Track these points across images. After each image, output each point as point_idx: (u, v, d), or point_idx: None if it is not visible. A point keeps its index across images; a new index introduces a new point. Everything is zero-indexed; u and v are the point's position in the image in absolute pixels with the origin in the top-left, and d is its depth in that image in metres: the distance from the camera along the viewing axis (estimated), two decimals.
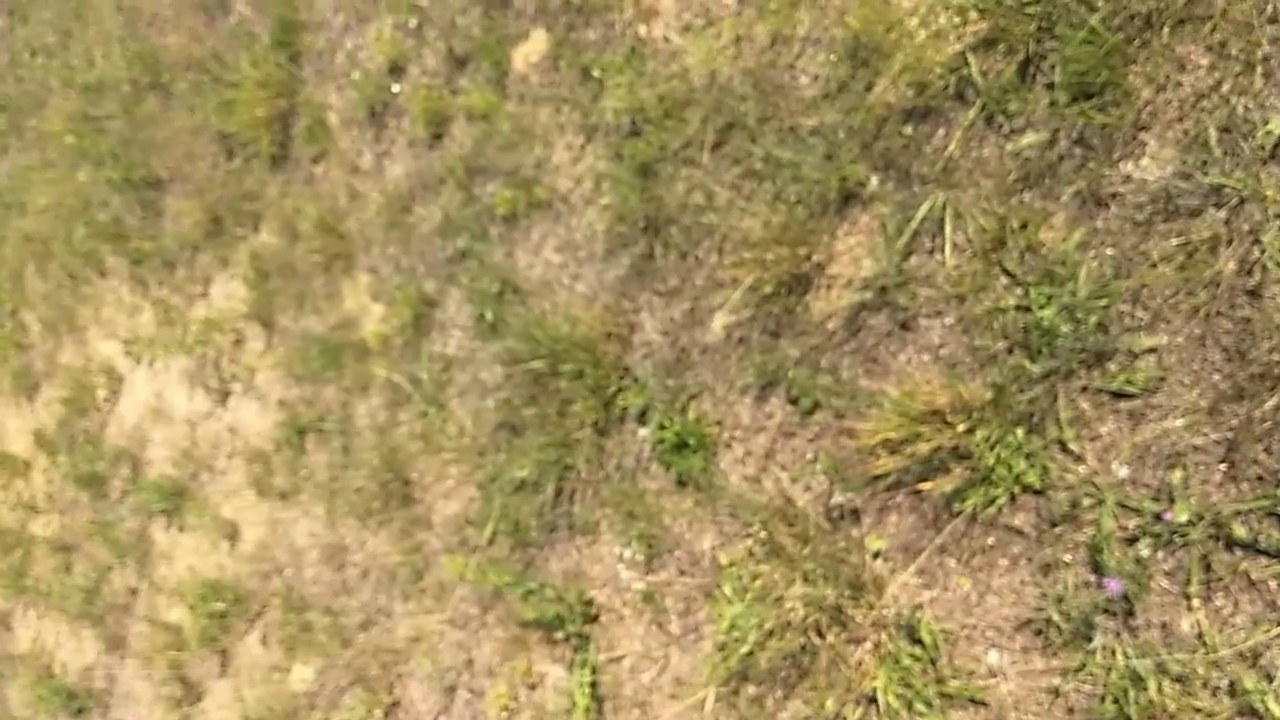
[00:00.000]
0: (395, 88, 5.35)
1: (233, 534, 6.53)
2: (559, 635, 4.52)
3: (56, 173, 8.15)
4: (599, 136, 4.54)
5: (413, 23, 5.37)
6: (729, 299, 3.91)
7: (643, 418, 4.31)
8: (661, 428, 4.16)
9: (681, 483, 4.16)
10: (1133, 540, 3.01)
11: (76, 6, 8.08)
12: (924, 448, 3.26)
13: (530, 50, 4.81)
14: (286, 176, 6.10)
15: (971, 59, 3.42)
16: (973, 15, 3.39)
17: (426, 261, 5.31)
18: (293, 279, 6.09)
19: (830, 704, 3.48)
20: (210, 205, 6.60)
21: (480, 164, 5.03)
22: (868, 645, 3.42)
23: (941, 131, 3.51)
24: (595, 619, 4.42)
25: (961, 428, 3.20)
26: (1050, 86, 3.30)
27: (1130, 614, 3.01)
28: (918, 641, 3.37)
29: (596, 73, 4.52)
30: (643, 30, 4.41)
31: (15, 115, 8.73)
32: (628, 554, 4.33)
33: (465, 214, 5.07)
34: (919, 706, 3.33)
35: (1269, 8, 2.93)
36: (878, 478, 3.43)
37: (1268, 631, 2.79)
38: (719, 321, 4.03)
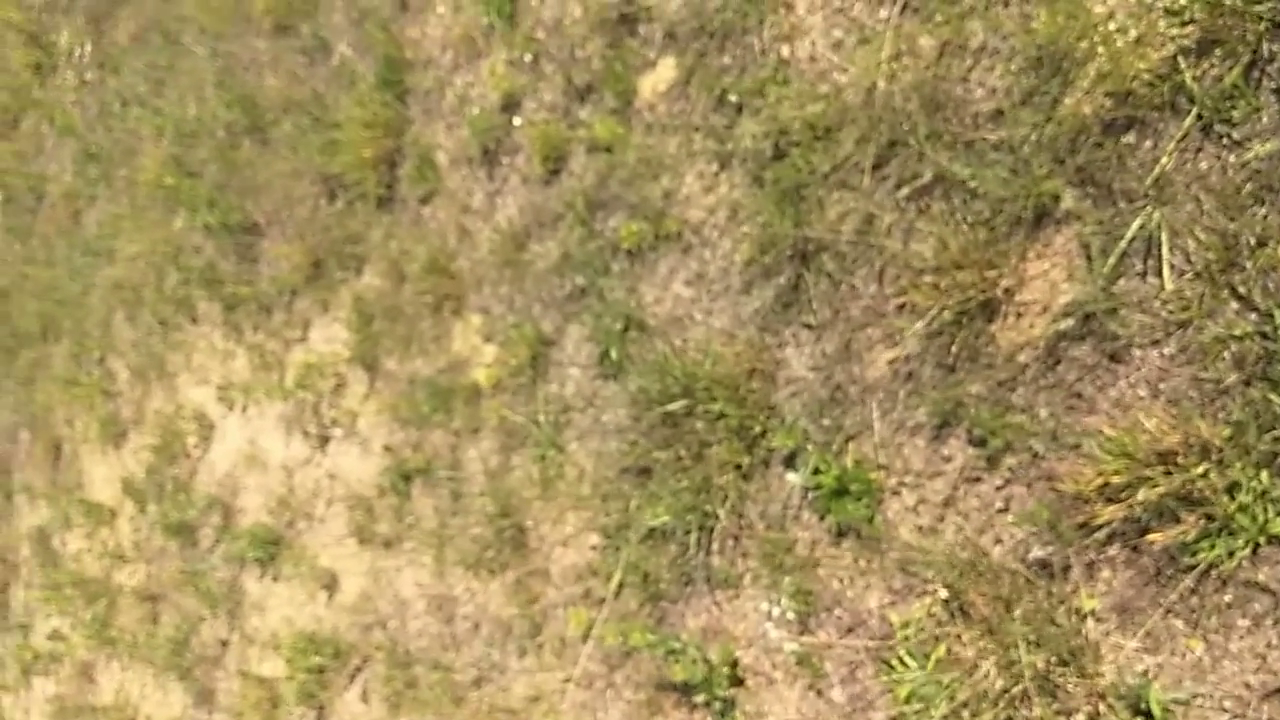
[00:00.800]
0: (517, 121, 5.00)
1: (331, 584, 6.14)
2: (699, 699, 4.08)
3: (148, 220, 7.89)
4: (735, 163, 4.15)
5: (528, 57, 5.04)
6: (906, 330, 3.49)
7: (791, 461, 3.89)
8: (817, 472, 3.73)
9: (840, 533, 3.72)
10: None
11: (170, 55, 7.84)
12: (1150, 494, 2.81)
13: (659, 79, 4.45)
14: (392, 218, 5.77)
15: (1184, 65, 3.01)
16: (1186, 18, 2.99)
17: (543, 300, 4.93)
18: (399, 321, 5.73)
19: None
20: (311, 248, 6.27)
21: (602, 198, 4.66)
22: (1081, 717, 2.96)
23: (1149, 143, 3.09)
24: (741, 682, 3.97)
25: (1196, 471, 2.76)
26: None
27: None
28: (1143, 713, 2.90)
29: (733, 97, 4.14)
30: (785, 51, 4.03)
31: (106, 165, 8.49)
32: (776, 611, 3.89)
33: (586, 250, 4.70)
34: None
35: None
36: (1091, 528, 2.97)
37: None
38: (887, 355, 3.61)
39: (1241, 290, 2.84)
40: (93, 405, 8.58)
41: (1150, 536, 2.84)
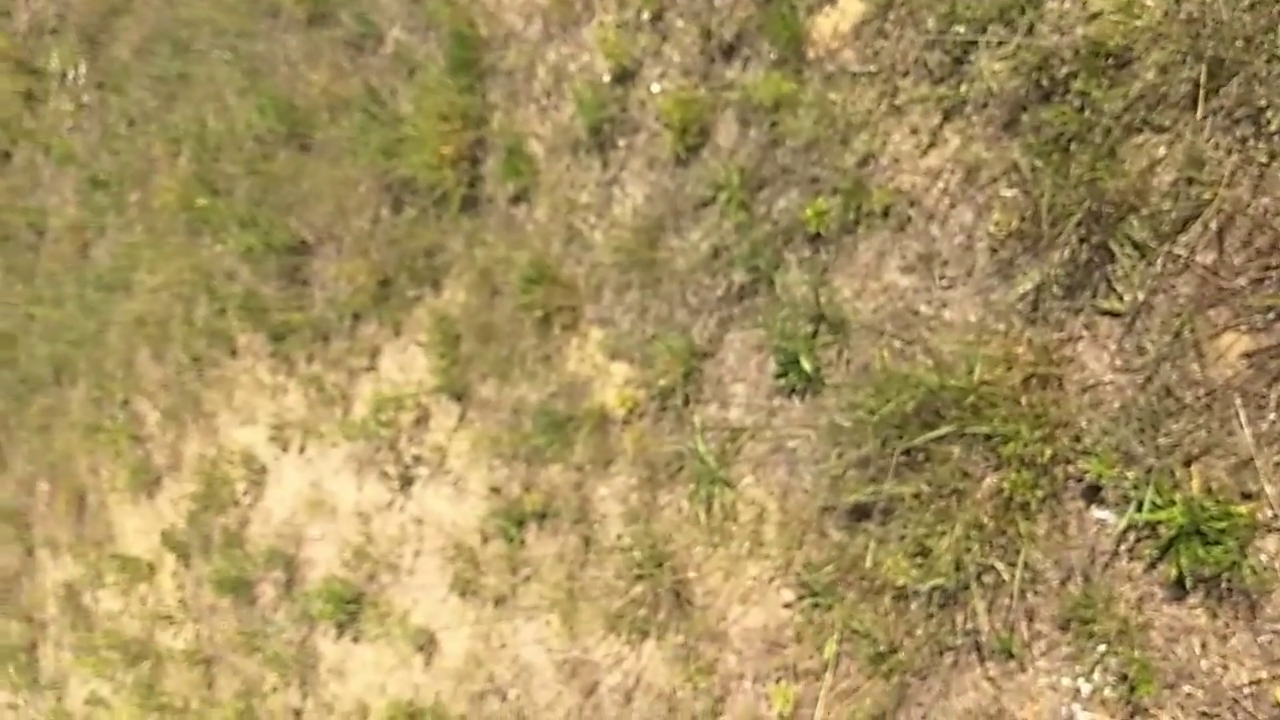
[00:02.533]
0: (656, 87, 3.86)
1: (429, 645, 4.99)
2: None
3: (169, 247, 6.66)
4: (970, 112, 3.07)
5: (646, 14, 3.92)
6: (1276, 305, 2.42)
7: (1095, 493, 2.82)
8: (1142, 508, 2.67)
9: (1182, 584, 2.67)
10: None
11: (181, 64, 6.60)
12: None
13: (842, 17, 3.36)
14: (478, 222, 4.62)
15: None
16: None
17: (688, 305, 3.83)
18: (494, 341, 4.59)
19: None
20: (375, 265, 5.11)
21: (766, 173, 3.55)
22: None
23: None
24: None
25: None
26: None
27: None
28: None
29: (960, 29, 3.07)
30: None
31: (116, 191, 7.24)
32: (1087, 688, 2.82)
33: (748, 239, 3.59)
34: None
35: None
36: None
37: None
38: (1241, 345, 2.55)
39: None
40: (119, 452, 7.33)
41: None
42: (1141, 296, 2.70)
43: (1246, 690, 2.54)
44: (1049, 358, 2.83)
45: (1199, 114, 2.57)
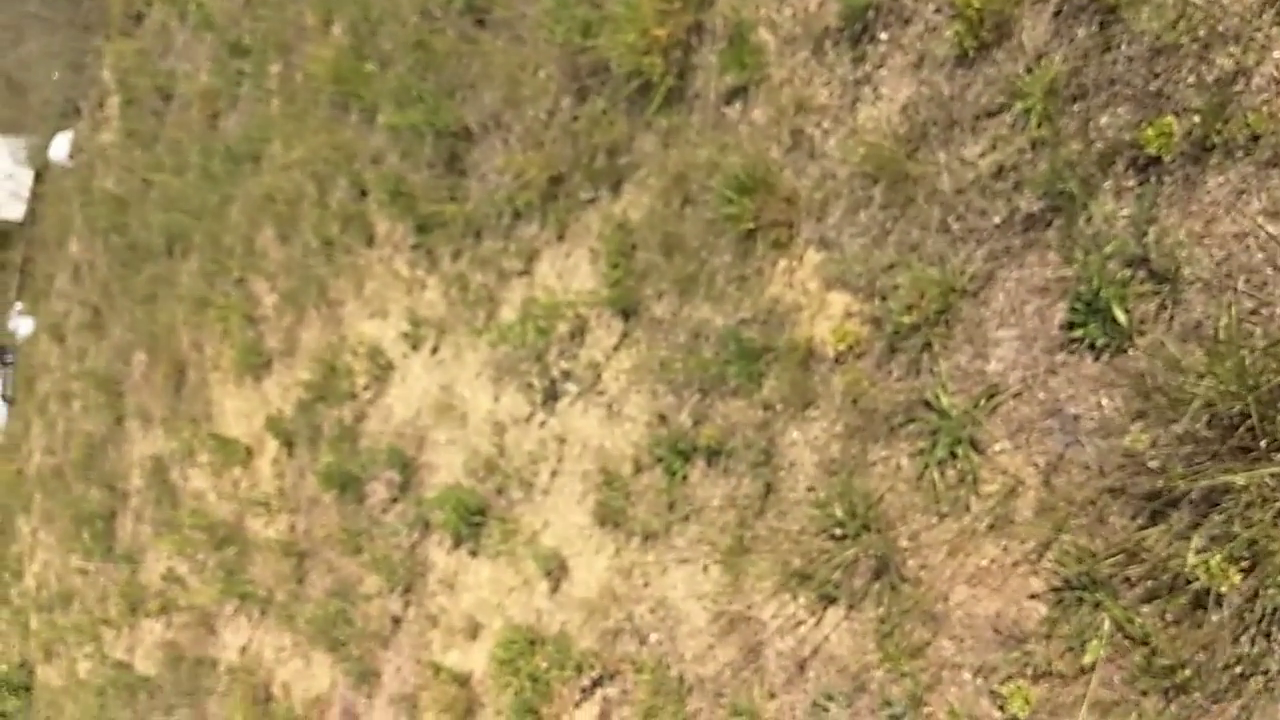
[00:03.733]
0: None
1: (558, 571, 4.39)
2: None
3: (310, 123, 6.04)
4: None
5: None
6: None
7: None
8: None
9: None
10: None
11: None
12: None
13: None
14: (678, 119, 3.95)
15: None
16: None
17: (950, 232, 3.14)
18: (678, 255, 3.94)
19: None
20: (547, 160, 4.45)
21: (1086, 82, 2.84)
22: None
23: None
24: None
25: None
26: None
27: None
28: None
29: None
30: None
31: (257, 60, 6.62)
32: None
33: (1049, 159, 2.91)
34: None
35: None
36: None
37: None
38: None
39: None
40: (228, 330, 6.78)
41: None
42: None
43: None
44: None
45: None
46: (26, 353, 11.05)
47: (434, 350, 5.13)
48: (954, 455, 3.04)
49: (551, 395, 4.50)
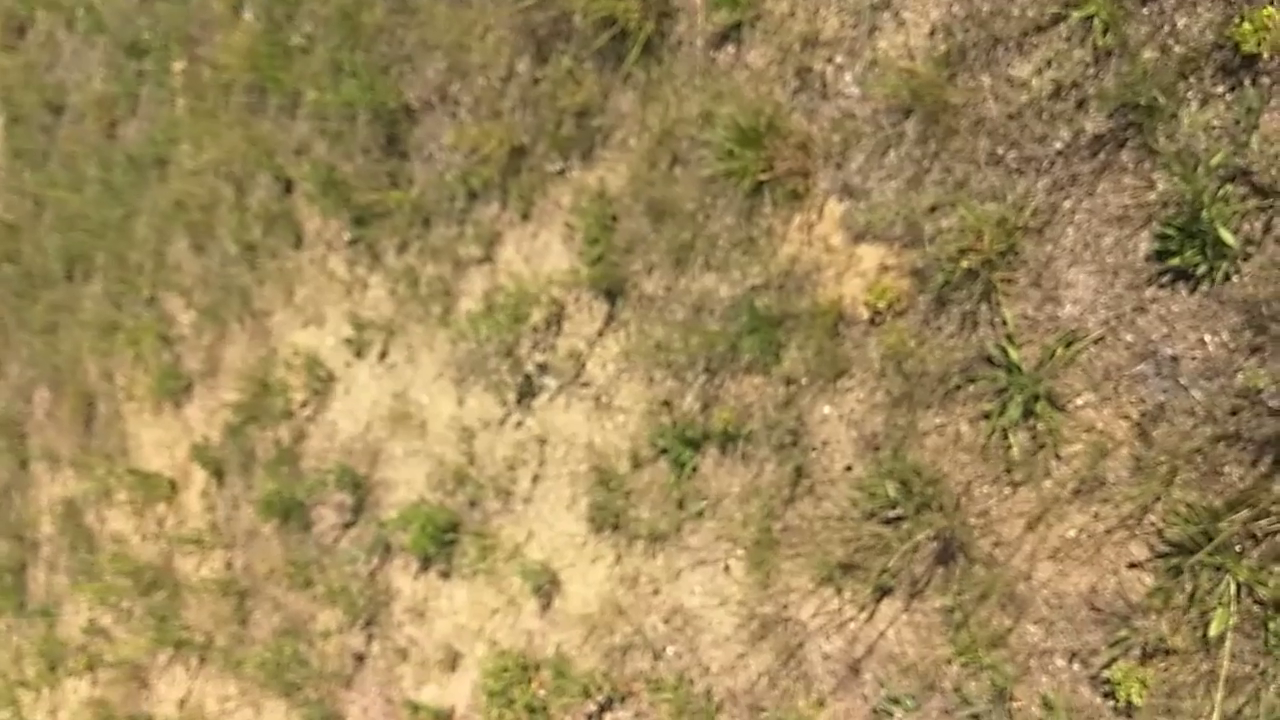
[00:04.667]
0: None
1: (548, 586, 3.81)
2: None
3: (222, 121, 5.33)
4: None
5: None
6: None
7: None
8: None
9: None
10: None
11: None
12: None
13: None
14: (657, 72, 3.44)
15: None
16: None
17: (1003, 164, 2.69)
18: (669, 223, 3.41)
19: None
20: (505, 133, 3.89)
21: None
22: None
23: None
24: None
25: None
26: None
27: None
28: None
29: None
30: None
31: (158, 59, 5.87)
32: None
33: (1119, 71, 2.48)
34: None
35: None
36: None
37: None
38: None
39: None
40: (140, 355, 5.98)
41: None
42: None
43: None
44: None
45: None
46: None
47: (382, 355, 4.50)
48: (1028, 415, 2.59)
49: (527, 392, 3.92)
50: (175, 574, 5.75)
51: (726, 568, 3.26)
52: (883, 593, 2.86)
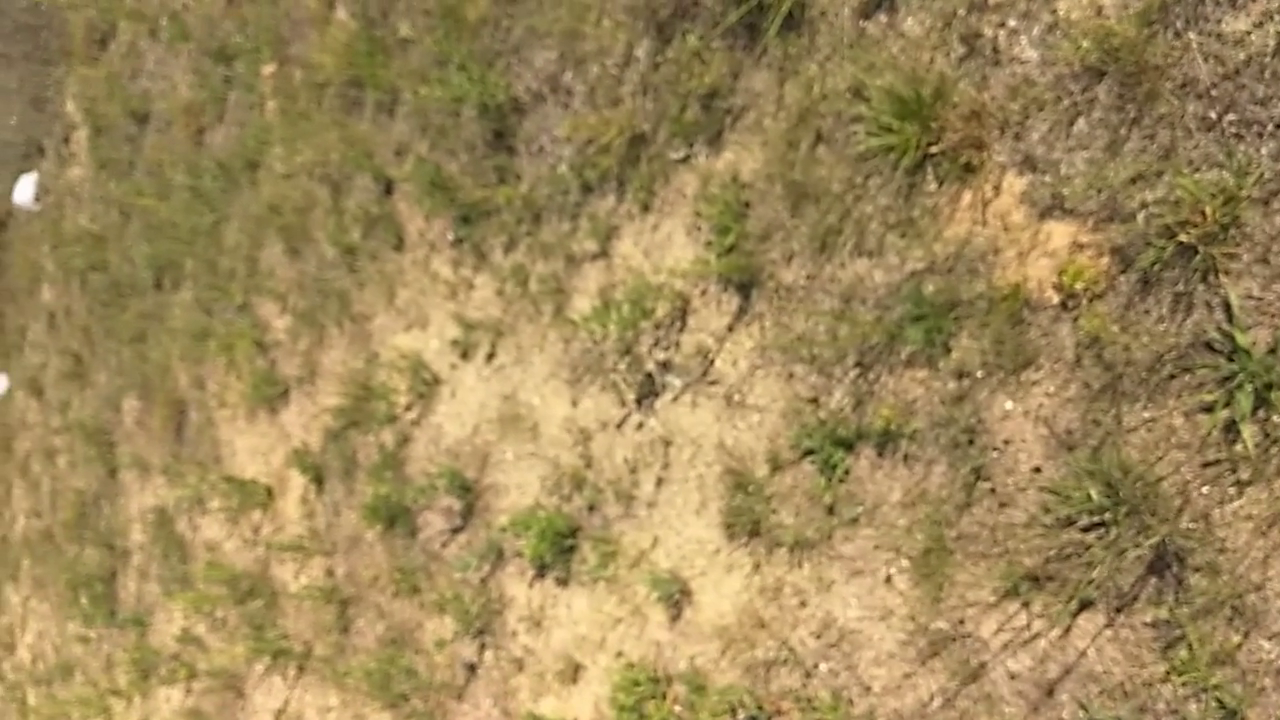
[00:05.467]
0: None
1: (678, 596, 3.49)
2: None
3: (316, 122, 5.08)
4: None
5: None
6: None
7: None
8: None
9: None
10: None
11: None
12: None
13: None
14: (798, 47, 3.13)
15: None
16: None
17: (1220, 130, 2.37)
18: (811, 207, 3.10)
19: None
20: (627, 119, 3.60)
21: None
22: None
23: None
24: None
25: None
26: None
27: None
28: None
29: None
30: None
31: (247, 64, 5.65)
32: None
33: None
34: None
35: None
36: None
37: None
38: None
39: None
40: (233, 361, 5.77)
41: None
42: None
43: None
44: None
45: None
46: (1, 412, 9.82)
47: (489, 357, 4.22)
48: (1261, 406, 2.24)
49: (648, 392, 3.61)
50: (272, 582, 5.52)
51: (888, 579, 2.92)
52: (1082, 606, 2.51)
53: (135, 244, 6.73)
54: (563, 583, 3.89)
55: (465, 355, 4.31)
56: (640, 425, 3.64)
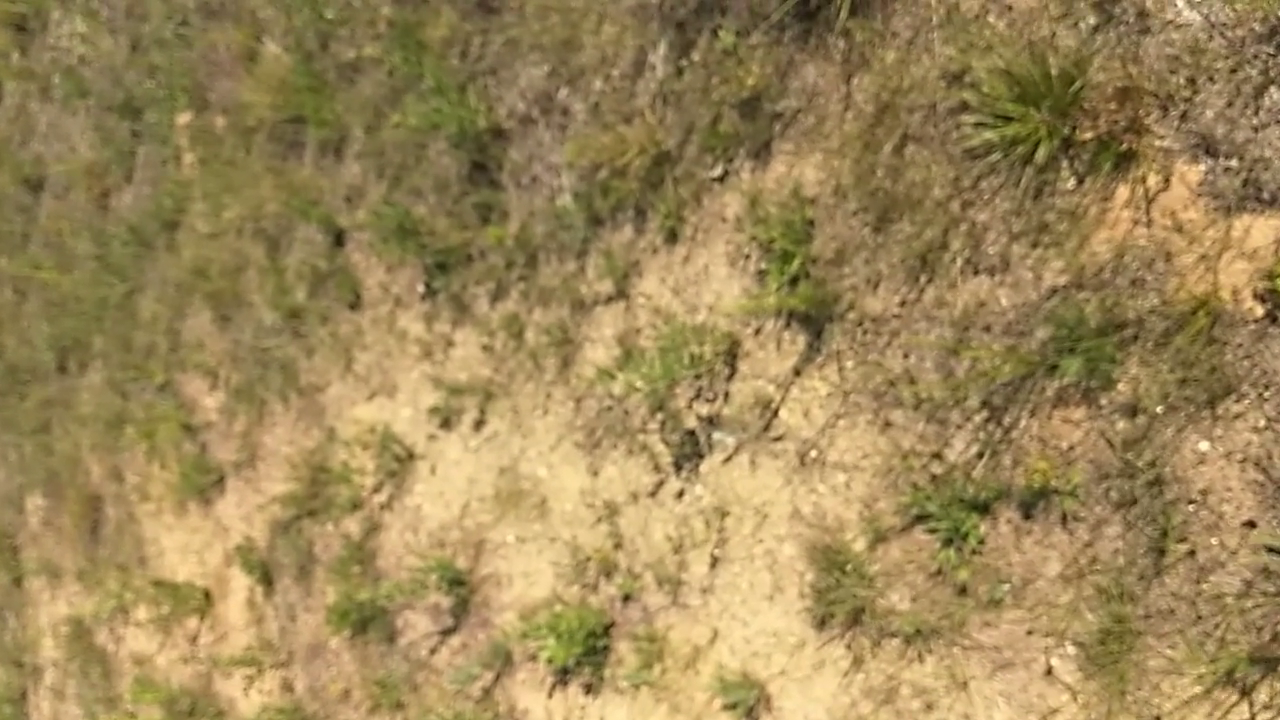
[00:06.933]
0: None
1: (752, 702, 2.66)
2: None
3: (246, 173, 4.11)
4: None
5: None
6: None
7: None
8: None
9: None
10: None
11: None
12: None
13: None
14: (867, 33, 2.39)
15: None
16: None
17: None
18: (902, 220, 2.35)
19: None
20: (647, 137, 2.80)
21: None
22: None
23: None
24: None
25: None
26: None
27: None
28: None
29: None
30: None
31: (158, 115, 4.62)
32: None
33: None
34: None
35: None
36: None
37: None
38: None
39: None
40: (155, 448, 4.65)
41: None
42: None
43: None
44: None
45: None
46: None
47: (478, 424, 3.31)
48: None
49: (689, 453, 2.78)
50: (217, 700, 4.39)
51: (1049, 670, 2.16)
52: None
53: (34, 323, 5.53)
54: (590, 690, 2.99)
55: (447, 424, 3.40)
56: (681, 494, 2.80)
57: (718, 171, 2.68)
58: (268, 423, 4.07)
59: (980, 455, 2.22)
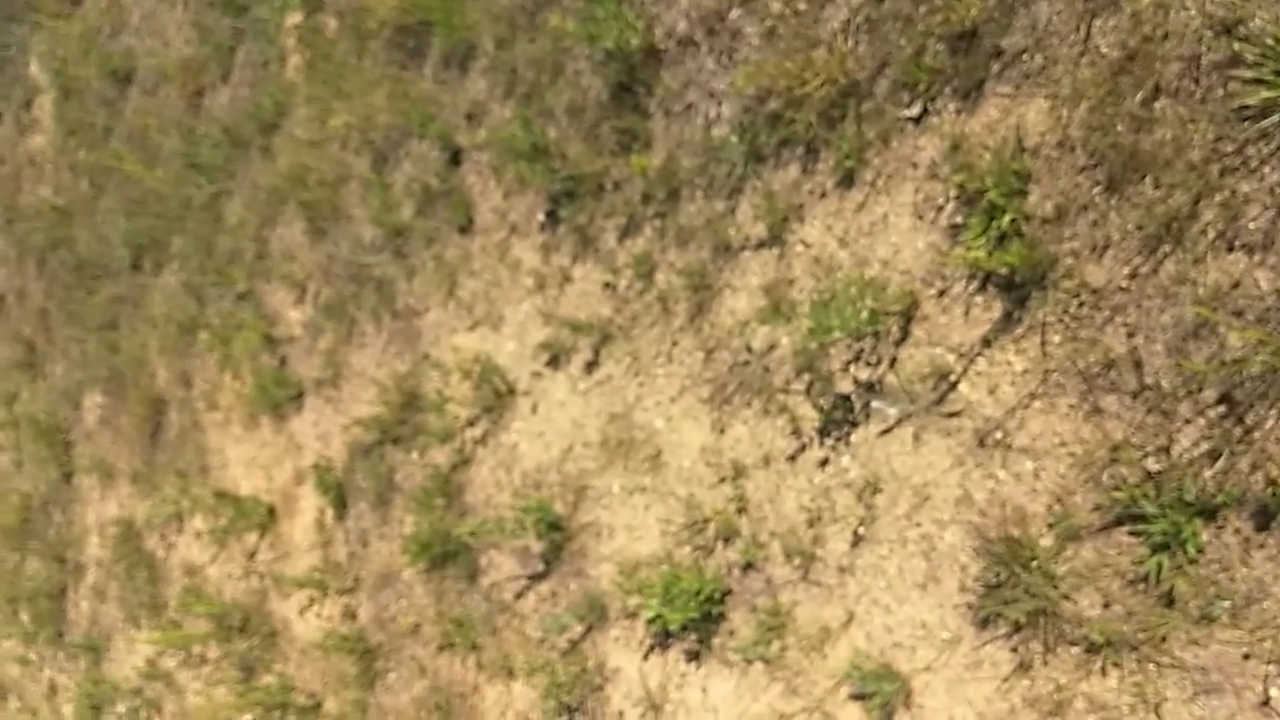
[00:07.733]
0: None
1: (890, 696, 2.36)
2: None
3: (357, 80, 3.73)
4: None
5: None
6: None
7: None
8: None
9: None
10: None
11: None
12: None
13: None
14: None
15: None
16: None
17: None
18: (1137, 180, 2.00)
19: None
20: (835, 66, 2.42)
21: None
22: None
23: None
24: None
25: None
26: None
27: None
28: None
29: None
30: None
31: (271, 8, 4.26)
32: None
33: None
34: None
35: None
36: None
37: None
38: None
39: None
40: (229, 357, 4.33)
41: None
42: None
43: None
44: None
45: None
46: None
47: (590, 366, 2.98)
48: None
49: (840, 420, 2.44)
50: (270, 619, 4.10)
51: (1265, 701, 1.83)
52: None
53: (109, 219, 5.19)
54: (694, 658, 2.67)
55: (554, 362, 3.06)
56: (825, 463, 2.47)
57: (915, 110, 2.31)
58: (356, 342, 3.74)
59: (1213, 455, 1.88)
